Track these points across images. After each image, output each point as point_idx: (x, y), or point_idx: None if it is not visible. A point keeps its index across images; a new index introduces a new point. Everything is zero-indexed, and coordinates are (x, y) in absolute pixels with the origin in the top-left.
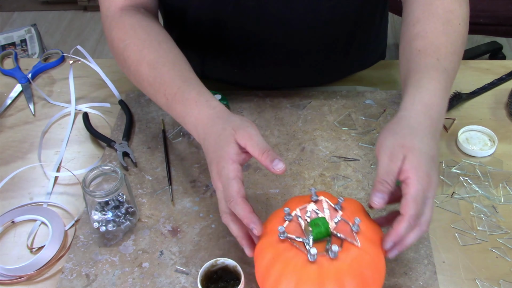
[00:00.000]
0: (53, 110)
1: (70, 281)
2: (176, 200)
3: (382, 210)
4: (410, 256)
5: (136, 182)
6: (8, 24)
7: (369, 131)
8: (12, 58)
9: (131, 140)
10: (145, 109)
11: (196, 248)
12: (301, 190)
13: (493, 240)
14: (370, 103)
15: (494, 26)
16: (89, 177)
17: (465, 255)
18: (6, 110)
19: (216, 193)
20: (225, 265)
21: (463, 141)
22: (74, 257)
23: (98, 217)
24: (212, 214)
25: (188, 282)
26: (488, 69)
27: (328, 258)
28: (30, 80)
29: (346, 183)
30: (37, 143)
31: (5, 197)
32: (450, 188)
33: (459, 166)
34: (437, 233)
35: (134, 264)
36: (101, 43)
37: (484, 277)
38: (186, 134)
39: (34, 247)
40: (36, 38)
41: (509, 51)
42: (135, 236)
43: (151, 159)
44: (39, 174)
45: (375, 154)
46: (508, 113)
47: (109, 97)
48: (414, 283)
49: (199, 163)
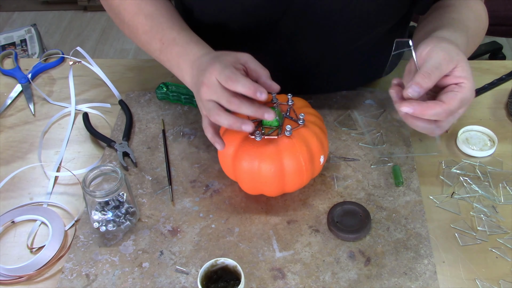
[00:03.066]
0: (53, 110)
1: (70, 281)
2: (176, 200)
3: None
4: (410, 256)
5: (136, 182)
6: (8, 24)
7: (369, 131)
8: (12, 58)
9: (131, 140)
10: (145, 109)
11: (196, 248)
12: (301, 190)
13: (493, 240)
14: (370, 103)
15: (494, 26)
16: (89, 177)
17: (465, 255)
18: (6, 110)
19: (200, 93)
20: (225, 265)
21: (463, 141)
22: (74, 257)
23: (98, 217)
24: (212, 214)
25: (188, 282)
26: (488, 69)
27: (284, 136)
28: (30, 80)
29: (346, 183)
30: (37, 143)
31: (5, 197)
32: (450, 188)
33: (459, 166)
34: (437, 233)
35: (134, 264)
36: (101, 43)
37: (484, 277)
38: (186, 134)
39: (34, 247)
40: (36, 38)
41: (509, 51)
42: (135, 236)
43: (151, 159)
44: (39, 174)
45: (420, 55)
46: (508, 113)
47: (109, 97)
48: (414, 283)
49: (199, 163)
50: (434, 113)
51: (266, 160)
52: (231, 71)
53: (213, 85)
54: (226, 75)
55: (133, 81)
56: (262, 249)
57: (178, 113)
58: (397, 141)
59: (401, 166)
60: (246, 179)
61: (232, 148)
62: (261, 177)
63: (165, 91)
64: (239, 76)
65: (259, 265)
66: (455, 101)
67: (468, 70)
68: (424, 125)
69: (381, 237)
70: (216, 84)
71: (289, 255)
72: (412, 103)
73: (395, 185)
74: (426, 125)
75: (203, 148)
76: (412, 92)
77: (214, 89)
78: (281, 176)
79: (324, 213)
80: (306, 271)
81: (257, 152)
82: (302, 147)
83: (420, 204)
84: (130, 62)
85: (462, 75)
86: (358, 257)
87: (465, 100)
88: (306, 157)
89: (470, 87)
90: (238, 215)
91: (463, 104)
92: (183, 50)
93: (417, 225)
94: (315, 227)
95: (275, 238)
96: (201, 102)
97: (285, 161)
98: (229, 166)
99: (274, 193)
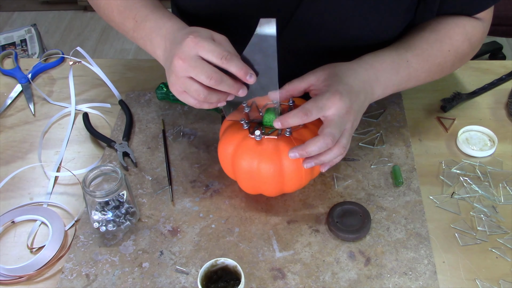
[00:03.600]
0: (53, 110)
1: (70, 281)
2: (176, 200)
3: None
4: (410, 256)
5: (136, 182)
6: (8, 24)
7: (369, 131)
8: (12, 58)
9: (131, 140)
10: (145, 109)
11: (196, 248)
12: (301, 190)
13: (493, 240)
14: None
15: (494, 26)
16: (89, 177)
17: (465, 255)
18: (6, 110)
19: (173, 67)
20: (225, 265)
21: (463, 141)
22: (74, 257)
23: (98, 217)
24: (212, 214)
25: (188, 282)
26: (488, 69)
27: (284, 136)
28: (30, 80)
29: (346, 183)
30: (37, 143)
31: (5, 197)
32: (450, 188)
33: (459, 166)
34: (437, 233)
35: (134, 264)
36: (101, 43)
37: (484, 277)
38: (186, 134)
39: (34, 247)
40: (36, 38)
41: (509, 51)
42: (135, 236)
43: (151, 159)
44: (39, 174)
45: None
46: (508, 113)
47: (109, 97)
48: (414, 283)
49: (199, 163)
50: (296, 149)
51: (266, 160)
52: (222, 48)
53: (190, 59)
54: (219, 52)
55: (133, 81)
56: (262, 249)
57: (178, 113)
58: (397, 141)
59: (401, 166)
60: (245, 179)
61: (232, 147)
62: (260, 177)
63: (165, 91)
64: (232, 54)
65: (259, 265)
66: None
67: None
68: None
69: (381, 237)
70: (195, 58)
71: (289, 255)
72: (296, 147)
73: (395, 185)
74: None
75: (203, 148)
76: (292, 157)
77: (191, 63)
78: (280, 176)
79: (324, 213)
80: (306, 271)
81: (257, 151)
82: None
83: (420, 204)
84: (130, 62)
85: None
86: (358, 257)
87: (333, 120)
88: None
89: (335, 121)
90: (238, 215)
91: (335, 124)
92: (155, 25)
93: (417, 225)
94: (315, 227)
95: (275, 238)
96: (175, 77)
97: (284, 161)
98: (228, 165)
99: (273, 193)
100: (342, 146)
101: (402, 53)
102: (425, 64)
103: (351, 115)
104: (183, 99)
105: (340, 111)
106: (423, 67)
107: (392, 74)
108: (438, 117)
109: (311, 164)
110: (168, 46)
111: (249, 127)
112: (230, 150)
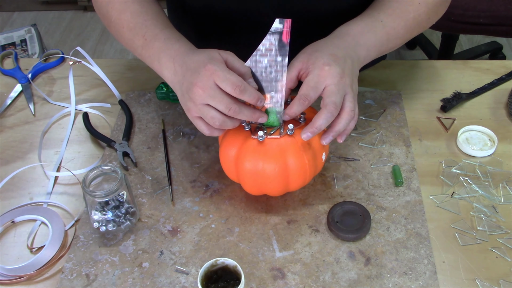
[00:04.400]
0: (53, 110)
1: (70, 281)
2: (176, 200)
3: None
4: (410, 256)
5: (136, 182)
6: (8, 24)
7: (369, 131)
8: (12, 58)
9: (131, 140)
10: (145, 109)
11: (196, 248)
12: (301, 190)
13: (493, 240)
14: (370, 103)
15: (494, 26)
16: (89, 177)
17: (465, 255)
18: (6, 110)
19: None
20: (225, 265)
21: (463, 141)
22: (74, 257)
23: (98, 217)
24: (212, 214)
25: (188, 282)
26: (488, 69)
27: (286, 135)
28: (30, 80)
29: (346, 183)
30: (37, 143)
31: (5, 197)
32: (450, 188)
33: (459, 166)
34: (437, 233)
35: (134, 264)
36: (101, 43)
37: (484, 277)
38: (186, 134)
39: (34, 247)
40: (36, 38)
41: (509, 51)
42: (135, 236)
43: (151, 159)
44: (39, 174)
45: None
46: (508, 113)
47: (109, 97)
48: (414, 283)
49: (199, 163)
50: (308, 130)
51: (270, 160)
52: (236, 78)
53: (209, 89)
54: (233, 83)
55: (133, 81)
56: (262, 249)
57: (178, 113)
58: (397, 141)
59: (401, 166)
60: (249, 180)
61: (235, 149)
62: (265, 178)
63: (165, 91)
64: (246, 84)
65: (259, 265)
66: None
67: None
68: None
69: (381, 237)
70: (213, 87)
71: (289, 255)
72: (306, 128)
73: (395, 185)
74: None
75: (203, 148)
76: (306, 138)
77: (210, 93)
78: (285, 175)
79: (324, 213)
80: (306, 271)
81: (261, 152)
82: (305, 145)
83: (420, 204)
84: (130, 62)
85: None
86: (358, 257)
87: (311, 82)
88: (309, 155)
89: (333, 90)
90: (238, 215)
91: (314, 84)
92: (164, 45)
93: (417, 225)
94: (315, 227)
95: (275, 238)
96: (192, 104)
97: (288, 160)
98: (231, 168)
99: (278, 193)
100: (350, 110)
101: (375, 15)
102: (400, 21)
103: (346, 79)
104: (197, 125)
105: (333, 79)
106: (399, 24)
107: (370, 35)
108: (438, 117)
109: (329, 139)
110: (180, 71)
111: (250, 129)
112: (233, 153)
